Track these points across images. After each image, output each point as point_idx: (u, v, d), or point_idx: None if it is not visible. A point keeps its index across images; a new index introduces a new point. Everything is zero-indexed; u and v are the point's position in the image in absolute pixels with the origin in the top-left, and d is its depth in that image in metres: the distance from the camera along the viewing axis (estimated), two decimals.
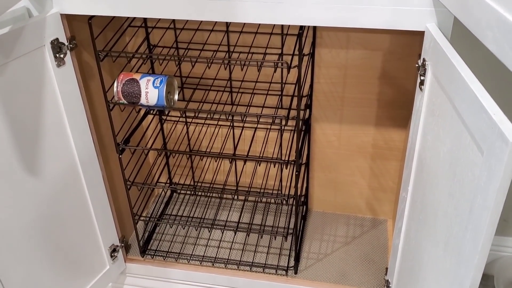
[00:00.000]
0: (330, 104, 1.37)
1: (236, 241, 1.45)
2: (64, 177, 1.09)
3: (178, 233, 1.49)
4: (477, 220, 0.62)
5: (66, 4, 0.97)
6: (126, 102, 1.09)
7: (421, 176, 0.90)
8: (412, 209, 0.98)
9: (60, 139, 1.05)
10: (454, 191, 0.71)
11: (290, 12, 0.90)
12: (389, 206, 1.53)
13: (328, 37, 1.26)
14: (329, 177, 1.51)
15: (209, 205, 1.58)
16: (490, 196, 0.58)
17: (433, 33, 0.82)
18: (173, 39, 1.32)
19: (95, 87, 1.17)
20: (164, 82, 1.06)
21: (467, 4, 0.68)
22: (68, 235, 1.13)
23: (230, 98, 1.39)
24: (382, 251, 1.43)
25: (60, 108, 1.03)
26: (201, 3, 0.92)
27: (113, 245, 1.30)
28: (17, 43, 0.89)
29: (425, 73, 0.85)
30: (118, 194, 1.34)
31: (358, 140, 1.41)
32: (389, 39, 1.23)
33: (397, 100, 1.32)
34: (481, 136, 0.60)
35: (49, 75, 0.99)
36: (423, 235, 0.89)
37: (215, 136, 1.48)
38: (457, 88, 0.69)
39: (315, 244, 1.45)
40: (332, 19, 0.89)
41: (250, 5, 0.90)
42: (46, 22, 0.95)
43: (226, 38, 1.29)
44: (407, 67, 1.26)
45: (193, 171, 1.59)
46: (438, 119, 0.79)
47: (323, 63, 1.30)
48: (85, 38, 1.09)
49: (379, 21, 0.88)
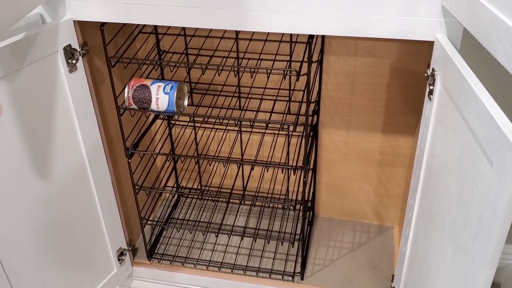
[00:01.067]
0: (337, 111, 1.38)
1: (243, 246, 1.46)
2: (74, 180, 1.10)
3: (184, 237, 1.50)
4: (486, 231, 0.62)
5: (79, 11, 0.98)
6: (136, 108, 1.10)
7: (430, 185, 0.91)
8: (419, 217, 0.98)
9: (70, 143, 1.06)
10: (463, 201, 0.72)
11: (300, 21, 0.91)
12: (395, 212, 1.53)
13: (336, 45, 1.27)
14: (336, 183, 1.51)
15: (216, 210, 1.59)
16: (499, 208, 0.58)
17: (443, 43, 0.83)
18: (183, 45, 1.33)
19: (106, 92, 1.18)
20: (174, 88, 1.07)
21: (477, 16, 0.68)
22: (77, 238, 1.14)
23: (239, 103, 1.40)
24: (389, 258, 1.43)
25: (71, 112, 1.04)
26: (213, 12, 0.93)
27: (120, 249, 1.31)
28: (31, 49, 0.91)
29: (434, 83, 0.86)
30: (126, 198, 1.35)
31: (365, 147, 1.42)
32: (397, 47, 1.24)
33: (404, 107, 1.32)
34: (491, 148, 0.61)
35: (61, 80, 1.00)
36: (431, 244, 0.89)
37: (223, 141, 1.49)
38: (466, 99, 0.70)
39: (321, 250, 1.46)
40: (342, 29, 0.90)
41: (261, 15, 0.91)
42: (59, 29, 0.96)
43: (236, 45, 1.30)
44: (415, 75, 1.27)
45: (200, 175, 1.60)
46: (447, 129, 0.80)
47: (331, 70, 1.31)
48: (97, 44, 1.10)
49: (389, 30, 0.88)
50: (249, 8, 0.91)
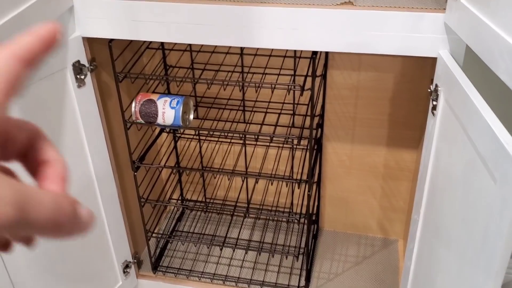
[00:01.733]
0: (341, 124, 1.39)
1: (247, 260, 1.46)
2: (81, 193, 1.11)
3: (189, 250, 1.50)
4: (491, 247, 0.63)
5: (88, 28, 1.00)
6: (143, 122, 1.11)
7: (434, 200, 0.92)
8: (424, 232, 0.99)
9: (78, 156, 1.07)
10: (467, 216, 0.72)
11: (304, 38, 0.92)
12: (400, 226, 1.53)
13: (340, 59, 1.28)
14: (341, 196, 1.52)
15: (220, 222, 1.60)
16: (503, 224, 0.59)
17: (446, 60, 0.84)
18: (189, 61, 1.35)
19: (113, 106, 1.19)
20: (180, 102, 1.09)
21: (479, 34, 0.70)
22: (83, 250, 1.15)
23: (243, 117, 1.42)
24: (393, 272, 1.43)
25: (79, 127, 1.06)
26: (218, 29, 0.94)
27: (126, 261, 1.32)
28: (41, 65, 0.92)
29: (438, 99, 0.87)
30: (131, 211, 1.36)
31: (369, 160, 1.43)
32: (401, 62, 1.25)
33: (408, 121, 1.33)
34: (494, 165, 0.61)
35: (69, 95, 1.01)
36: (436, 259, 0.90)
37: (227, 154, 1.50)
38: (469, 116, 0.71)
39: (326, 264, 1.46)
40: (346, 45, 0.91)
41: (266, 32, 0.93)
42: (69, 45, 0.98)
43: (241, 60, 1.31)
44: (418, 89, 1.28)
45: (205, 188, 1.61)
46: (451, 144, 0.81)
47: (335, 85, 1.32)
48: (105, 59, 1.12)
49: (392, 47, 0.90)
50: (254, 25, 0.93)
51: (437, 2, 0.89)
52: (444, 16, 0.85)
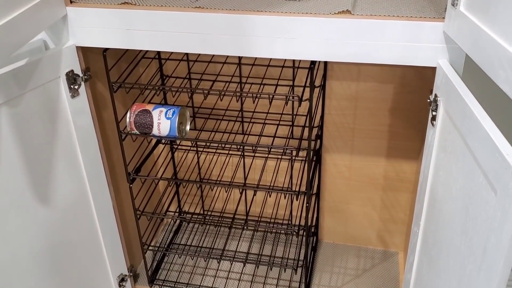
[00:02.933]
0: (341, 135, 1.37)
1: (245, 273, 1.44)
2: (75, 206, 1.09)
3: (186, 263, 1.48)
4: (491, 260, 0.61)
5: (82, 37, 0.99)
6: (138, 133, 1.10)
7: (433, 212, 0.90)
8: (424, 244, 0.97)
9: (72, 168, 1.06)
10: (467, 229, 0.70)
11: (302, 47, 0.91)
12: (400, 238, 1.51)
13: (339, 70, 1.27)
14: (340, 208, 1.50)
15: (218, 235, 1.58)
16: (504, 237, 0.57)
17: (445, 69, 0.82)
18: (186, 70, 1.34)
19: (108, 117, 1.18)
20: (176, 113, 1.07)
21: (479, 43, 0.68)
22: (77, 264, 1.13)
23: (242, 128, 1.40)
24: (393, 285, 1.40)
25: (73, 137, 1.04)
26: (215, 38, 0.93)
27: (121, 274, 1.29)
28: (34, 75, 0.91)
29: (437, 109, 0.85)
30: (127, 223, 1.34)
31: (369, 171, 1.41)
32: (400, 72, 1.24)
33: (408, 132, 1.32)
34: (494, 176, 0.60)
35: (63, 105, 1.00)
36: (435, 271, 0.87)
37: (225, 165, 1.49)
38: (469, 126, 0.69)
39: (325, 277, 1.43)
40: (344, 55, 0.90)
41: (263, 41, 0.92)
42: (62, 54, 0.97)
43: (239, 70, 1.30)
44: (418, 100, 1.26)
45: (203, 200, 1.59)
46: (451, 155, 0.79)
47: (334, 95, 1.31)
48: (100, 69, 1.11)
49: (391, 56, 0.88)
50: (251, 34, 0.92)
51: (436, 11, 0.88)
52: (443, 25, 0.84)
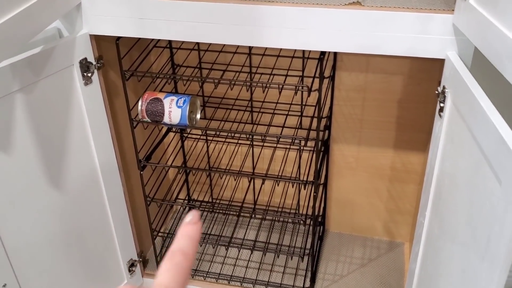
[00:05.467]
0: (349, 126, 1.38)
1: (253, 260, 1.46)
2: (87, 191, 1.11)
3: None
4: (494, 249, 0.62)
5: (96, 25, 1.00)
6: (149, 120, 1.11)
7: (439, 202, 0.91)
8: (429, 234, 0.98)
9: (84, 154, 1.08)
10: (471, 219, 0.72)
11: (312, 38, 0.92)
12: (406, 229, 1.52)
13: (348, 61, 1.28)
14: (347, 198, 1.51)
15: (226, 223, 1.60)
16: (507, 226, 0.58)
17: (453, 61, 0.83)
18: (197, 60, 1.35)
19: (120, 105, 1.20)
20: (187, 102, 1.09)
21: (487, 35, 0.69)
22: (89, 249, 1.16)
23: (251, 117, 1.41)
24: (399, 275, 1.42)
25: (86, 124, 1.06)
26: (226, 28, 0.94)
27: (131, 260, 1.32)
28: (48, 63, 0.93)
29: (445, 100, 0.86)
30: (137, 210, 1.36)
31: (376, 162, 1.42)
32: (409, 64, 1.25)
33: (415, 124, 1.32)
34: (500, 167, 0.61)
35: (76, 93, 1.02)
36: (440, 262, 0.89)
37: (234, 154, 1.50)
38: (476, 118, 0.70)
39: (331, 265, 1.45)
40: (354, 46, 0.91)
41: (274, 31, 0.93)
42: (76, 43, 0.98)
43: (249, 60, 1.31)
44: (426, 92, 1.27)
45: (211, 188, 1.61)
46: (457, 146, 0.80)
47: (343, 86, 1.32)
48: (112, 57, 1.12)
49: (401, 48, 0.89)
50: (261, 24, 0.93)
51: (445, 3, 0.88)
52: (452, 17, 0.84)
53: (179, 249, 0.34)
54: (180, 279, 0.32)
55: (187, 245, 0.34)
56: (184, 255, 0.33)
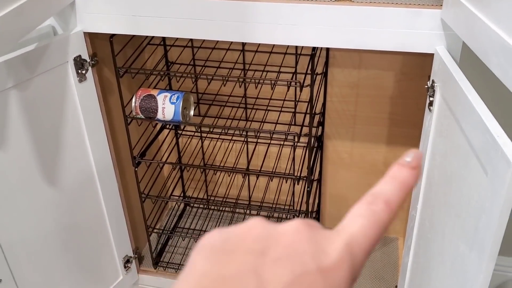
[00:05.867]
0: (342, 122, 1.39)
1: None
2: (82, 188, 1.12)
3: (190, 246, 1.51)
4: (481, 239, 0.63)
5: (90, 23, 1.01)
6: (143, 117, 1.12)
7: (430, 195, 0.92)
8: (421, 227, 0.99)
9: (79, 151, 1.09)
10: (460, 210, 0.73)
11: (304, 34, 0.93)
12: (400, 224, 1.53)
13: (340, 57, 1.29)
14: (341, 194, 1.52)
15: (221, 219, 1.61)
16: (494, 216, 0.59)
17: (442, 55, 0.84)
18: (190, 57, 1.36)
19: (114, 101, 1.21)
20: (180, 98, 1.10)
21: (474, 29, 0.70)
22: (84, 245, 1.16)
23: (245, 114, 1.42)
24: (393, 269, 1.43)
25: (81, 121, 1.07)
26: (219, 24, 0.95)
27: (126, 256, 1.33)
28: (42, 60, 0.94)
29: (434, 94, 0.87)
30: (132, 206, 1.37)
31: (370, 158, 1.43)
32: (401, 60, 1.26)
33: (408, 119, 1.34)
34: (486, 158, 0.62)
35: (71, 90, 1.03)
36: (431, 253, 0.90)
37: (229, 151, 1.51)
38: (463, 110, 0.71)
39: None
40: (345, 41, 0.92)
41: (266, 27, 0.94)
42: (70, 40, 0.99)
43: (242, 57, 1.32)
44: (418, 87, 1.28)
45: (206, 185, 1.62)
46: (446, 139, 0.81)
47: (336, 82, 1.33)
48: (106, 55, 1.13)
49: (390, 43, 0.90)
50: (253, 20, 0.94)
51: None
52: (441, 12, 0.85)
53: (383, 195, 0.27)
54: (372, 232, 0.25)
55: (395, 193, 0.27)
56: (387, 204, 0.26)
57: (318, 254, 0.24)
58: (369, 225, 0.25)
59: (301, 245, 0.24)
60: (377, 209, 0.26)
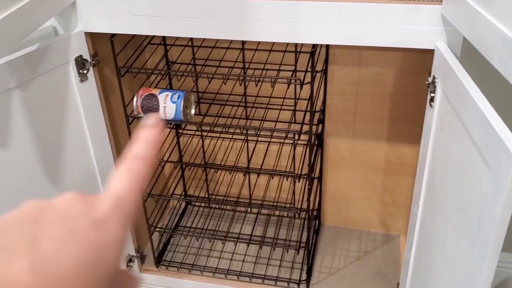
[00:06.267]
0: (342, 120, 1.40)
1: (249, 254, 1.47)
2: (84, 186, 1.12)
3: (192, 245, 1.51)
4: (484, 234, 0.63)
5: (90, 23, 1.01)
6: (144, 116, 1.12)
7: (432, 191, 0.92)
8: (423, 223, 1.00)
9: (81, 151, 1.09)
10: (462, 206, 0.73)
11: (304, 31, 0.93)
12: (401, 221, 1.54)
13: (340, 55, 1.29)
14: (342, 192, 1.53)
15: (222, 218, 1.61)
16: (496, 211, 0.59)
17: (443, 51, 0.85)
18: (190, 56, 1.36)
19: (115, 101, 1.21)
20: (181, 97, 1.10)
21: (474, 24, 0.70)
22: None
23: (245, 112, 1.43)
24: (395, 266, 1.44)
25: (82, 121, 1.07)
26: (218, 22, 0.96)
27: (129, 255, 1.33)
28: (44, 60, 0.94)
29: (435, 90, 0.88)
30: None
31: (370, 155, 1.43)
32: (401, 57, 1.26)
33: (409, 116, 1.34)
34: (488, 152, 0.62)
35: (72, 90, 1.03)
36: (433, 250, 0.90)
37: (229, 150, 1.51)
38: (465, 105, 0.71)
39: (327, 258, 1.47)
40: (345, 38, 0.92)
41: (266, 25, 0.94)
42: (71, 40, 0.99)
43: (242, 55, 1.33)
44: (419, 84, 1.28)
45: (207, 183, 1.62)
46: (448, 135, 0.81)
47: (336, 80, 1.33)
48: (107, 54, 1.13)
49: (390, 39, 0.91)
50: (253, 18, 0.94)
51: None
52: (441, 8, 0.86)
53: (137, 154, 0.32)
54: (134, 186, 0.30)
55: (147, 151, 0.32)
56: (142, 159, 0.32)
57: (90, 212, 0.28)
58: (130, 179, 0.30)
59: (74, 207, 0.28)
60: (134, 166, 0.31)
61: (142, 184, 0.31)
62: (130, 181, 0.30)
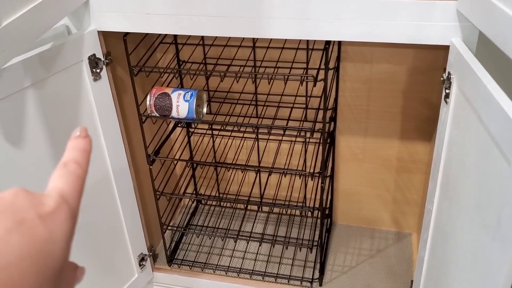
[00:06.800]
0: (354, 117, 1.39)
1: (261, 253, 1.47)
2: (98, 186, 1.13)
3: (204, 243, 1.51)
4: (505, 230, 0.63)
5: (103, 21, 1.01)
6: (158, 115, 1.13)
7: (447, 188, 0.92)
8: (437, 221, 0.99)
9: (94, 149, 1.08)
10: (481, 202, 0.72)
11: (317, 28, 0.93)
12: (413, 219, 1.53)
13: (352, 52, 1.29)
14: (354, 190, 1.52)
15: (234, 216, 1.61)
16: None
17: (458, 47, 0.84)
18: (202, 55, 1.36)
19: (128, 100, 1.21)
20: (194, 95, 1.10)
21: (491, 18, 0.70)
22: (100, 243, 1.17)
23: (256, 111, 1.42)
24: (407, 264, 1.43)
25: (96, 120, 1.07)
26: (231, 20, 0.95)
27: (141, 254, 1.33)
28: (57, 59, 0.94)
29: (450, 86, 0.87)
30: (147, 204, 1.37)
31: (382, 153, 1.43)
32: (413, 54, 1.25)
33: (421, 114, 1.33)
34: (508, 147, 0.62)
35: (85, 88, 1.03)
36: (450, 247, 0.90)
37: (240, 148, 1.51)
38: (482, 100, 0.71)
39: (339, 257, 1.46)
40: (358, 34, 0.92)
41: (279, 22, 0.94)
42: (84, 39, 1.00)
43: (253, 54, 1.32)
44: (431, 81, 1.28)
45: (218, 182, 1.62)
46: (464, 131, 0.81)
47: (348, 77, 1.33)
48: (120, 54, 1.14)
49: (404, 36, 0.90)
50: (266, 15, 0.94)
51: None
52: (456, 3, 0.85)
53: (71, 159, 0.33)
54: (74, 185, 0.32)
55: (79, 156, 0.33)
56: (78, 163, 0.33)
57: (37, 205, 0.29)
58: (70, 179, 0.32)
59: (21, 200, 0.29)
60: (71, 169, 0.32)
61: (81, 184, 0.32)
62: (70, 180, 0.32)
